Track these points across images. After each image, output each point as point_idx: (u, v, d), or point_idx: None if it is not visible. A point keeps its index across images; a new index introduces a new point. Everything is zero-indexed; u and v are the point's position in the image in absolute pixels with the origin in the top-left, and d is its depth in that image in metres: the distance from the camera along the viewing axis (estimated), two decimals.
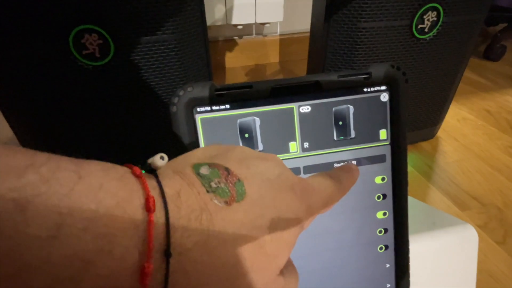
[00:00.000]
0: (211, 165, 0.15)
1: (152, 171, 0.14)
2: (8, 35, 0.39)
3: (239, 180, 0.14)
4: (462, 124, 0.79)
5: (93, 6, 0.39)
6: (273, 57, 1.25)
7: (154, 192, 0.12)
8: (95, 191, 0.10)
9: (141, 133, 0.52)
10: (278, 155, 0.28)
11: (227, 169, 0.15)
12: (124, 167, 0.13)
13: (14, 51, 0.40)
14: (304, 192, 0.17)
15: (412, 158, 0.66)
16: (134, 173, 0.12)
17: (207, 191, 0.13)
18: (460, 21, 0.54)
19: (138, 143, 0.53)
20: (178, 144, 0.27)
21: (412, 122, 0.64)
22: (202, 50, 0.50)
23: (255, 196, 0.14)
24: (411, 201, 0.31)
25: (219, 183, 0.14)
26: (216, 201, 0.13)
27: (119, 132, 0.50)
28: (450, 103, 0.67)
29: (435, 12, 0.51)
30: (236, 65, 1.21)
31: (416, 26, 0.51)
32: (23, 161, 0.10)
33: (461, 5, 0.52)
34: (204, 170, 0.14)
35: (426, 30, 0.52)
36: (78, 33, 0.40)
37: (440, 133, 0.74)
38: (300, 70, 1.17)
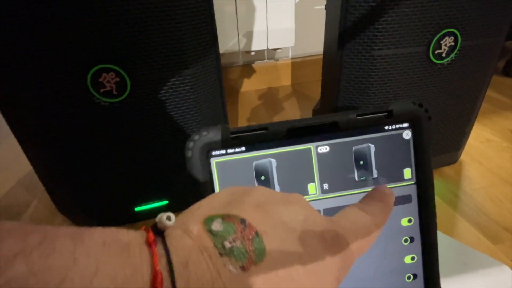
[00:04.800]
0: (225, 218, 0.13)
1: (160, 232, 0.13)
2: (30, 76, 0.41)
3: (257, 234, 0.13)
4: (486, 147, 0.75)
5: (111, 46, 0.40)
6: (285, 80, 1.25)
7: (162, 262, 0.11)
8: (90, 277, 0.09)
9: (156, 167, 0.52)
10: None
11: (243, 221, 0.13)
12: (132, 233, 0.12)
13: (34, 90, 0.42)
14: (337, 239, 0.14)
15: (435, 185, 0.63)
16: (147, 240, 0.11)
17: (221, 254, 0.12)
18: (479, 44, 0.53)
19: (154, 177, 0.53)
20: (194, 187, 0.26)
21: (434, 147, 0.62)
22: (216, 82, 0.50)
23: (277, 254, 0.12)
24: (439, 236, 0.29)
25: (234, 241, 0.12)
26: (231, 267, 0.11)
27: (135, 166, 0.51)
28: (472, 126, 0.65)
29: (452, 37, 0.50)
30: (249, 89, 1.23)
31: (433, 51, 0.50)
32: (13, 246, 0.09)
33: (479, 29, 0.51)
34: (216, 226, 0.13)
35: (443, 55, 0.51)
36: (96, 72, 0.41)
37: (463, 156, 0.71)
38: (312, 91, 1.17)
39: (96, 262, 0.10)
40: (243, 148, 0.26)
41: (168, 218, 0.13)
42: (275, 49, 1.11)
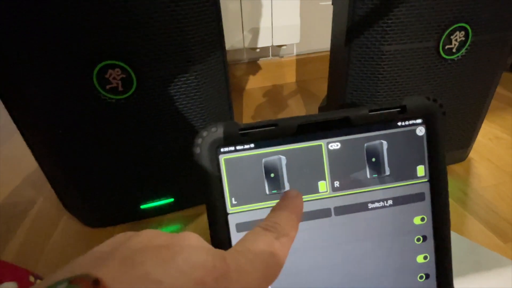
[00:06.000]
0: (72, 281, 0.11)
1: None
2: (35, 73, 0.40)
3: None
4: (495, 144, 0.74)
5: (116, 43, 0.40)
6: (290, 77, 1.24)
7: None
8: None
9: (162, 164, 0.52)
10: (306, 195, 0.26)
11: (95, 283, 0.11)
12: None
13: (40, 87, 0.41)
14: (225, 282, 0.12)
15: None
16: None
17: None
18: (490, 40, 0.51)
19: (160, 175, 0.53)
20: (202, 184, 0.25)
21: None
22: (222, 78, 0.49)
23: None
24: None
25: None
26: None
27: (141, 163, 0.50)
28: (481, 123, 0.64)
29: (463, 32, 0.49)
30: (253, 86, 1.22)
31: (443, 46, 0.49)
32: None
33: (490, 23, 0.50)
34: None
35: (453, 50, 0.50)
36: (102, 68, 0.41)
37: (472, 154, 0.70)
38: (317, 89, 1.16)
39: None
40: (252, 145, 0.25)
41: None
42: (280, 46, 1.10)
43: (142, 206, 0.55)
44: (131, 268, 0.12)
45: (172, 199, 0.56)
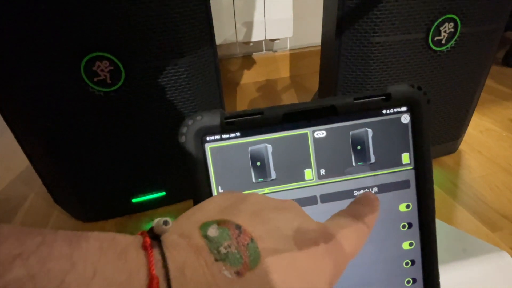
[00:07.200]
0: (220, 223, 0.13)
1: (157, 237, 0.13)
2: (23, 65, 0.40)
3: (252, 240, 0.13)
4: (486, 136, 0.75)
5: (103, 34, 0.40)
6: (284, 72, 1.24)
7: (158, 267, 0.11)
8: (88, 282, 0.10)
9: (153, 158, 0.51)
10: (292, 183, 0.27)
11: (238, 227, 0.13)
12: (129, 237, 0.12)
13: (28, 81, 0.41)
14: (330, 245, 0.15)
15: (435, 175, 0.63)
16: (143, 245, 0.12)
17: (216, 259, 0.12)
18: (479, 31, 0.52)
19: (151, 168, 0.53)
20: (189, 174, 0.25)
21: (433, 137, 0.61)
22: (212, 71, 0.49)
23: (271, 260, 0.13)
24: (437, 224, 0.29)
25: (229, 246, 0.12)
26: (226, 273, 0.12)
27: (131, 157, 0.50)
28: (472, 115, 0.64)
29: (452, 23, 0.49)
30: (247, 81, 1.22)
31: (432, 38, 0.49)
32: (12, 249, 0.09)
33: (479, 15, 0.50)
34: (212, 232, 0.13)
35: (443, 42, 0.50)
36: (89, 60, 0.40)
37: (463, 146, 0.71)
38: (310, 83, 1.16)
39: (93, 267, 0.10)
40: (238, 133, 0.25)
41: (165, 222, 0.13)
42: (273, 40, 1.10)
43: (134, 200, 0.55)
44: (262, 222, 0.14)
45: (163, 193, 0.56)
